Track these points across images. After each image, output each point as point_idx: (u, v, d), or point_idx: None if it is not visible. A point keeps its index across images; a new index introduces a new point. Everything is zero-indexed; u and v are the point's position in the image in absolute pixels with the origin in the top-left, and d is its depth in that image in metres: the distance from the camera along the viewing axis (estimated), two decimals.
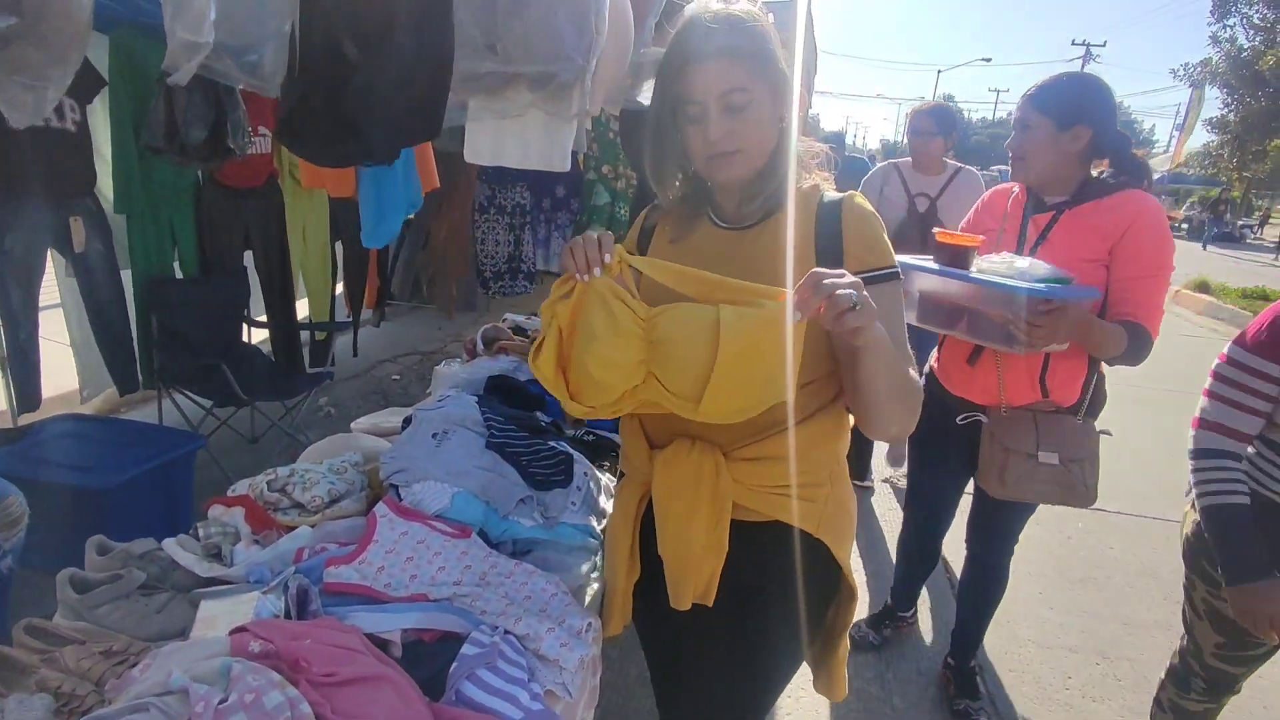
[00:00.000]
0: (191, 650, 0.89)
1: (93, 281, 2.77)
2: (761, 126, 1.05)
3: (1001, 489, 1.79)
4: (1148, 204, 1.66)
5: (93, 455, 2.32)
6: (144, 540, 1.15)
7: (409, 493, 1.25)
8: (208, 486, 2.65)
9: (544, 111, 1.21)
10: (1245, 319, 10.15)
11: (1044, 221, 1.74)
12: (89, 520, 2.10)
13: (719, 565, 1.09)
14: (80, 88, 2.53)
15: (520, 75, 1.20)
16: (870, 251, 1.06)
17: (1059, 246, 1.71)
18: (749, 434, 1.07)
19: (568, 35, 1.12)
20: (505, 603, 1.12)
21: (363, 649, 0.93)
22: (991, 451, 1.81)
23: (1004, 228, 1.82)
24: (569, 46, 1.12)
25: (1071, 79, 1.74)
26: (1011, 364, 1.77)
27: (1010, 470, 1.76)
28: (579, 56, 1.13)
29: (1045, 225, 1.74)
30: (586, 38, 1.13)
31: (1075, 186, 1.73)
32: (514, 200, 4.32)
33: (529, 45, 1.14)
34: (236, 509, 1.24)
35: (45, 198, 2.51)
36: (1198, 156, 22.99)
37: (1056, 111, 1.66)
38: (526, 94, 1.20)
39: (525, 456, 1.36)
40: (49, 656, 0.92)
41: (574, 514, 1.30)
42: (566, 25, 1.11)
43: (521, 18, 1.12)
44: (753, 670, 1.19)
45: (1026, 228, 1.77)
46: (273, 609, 1.00)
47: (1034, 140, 1.70)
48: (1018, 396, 1.80)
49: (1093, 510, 3.52)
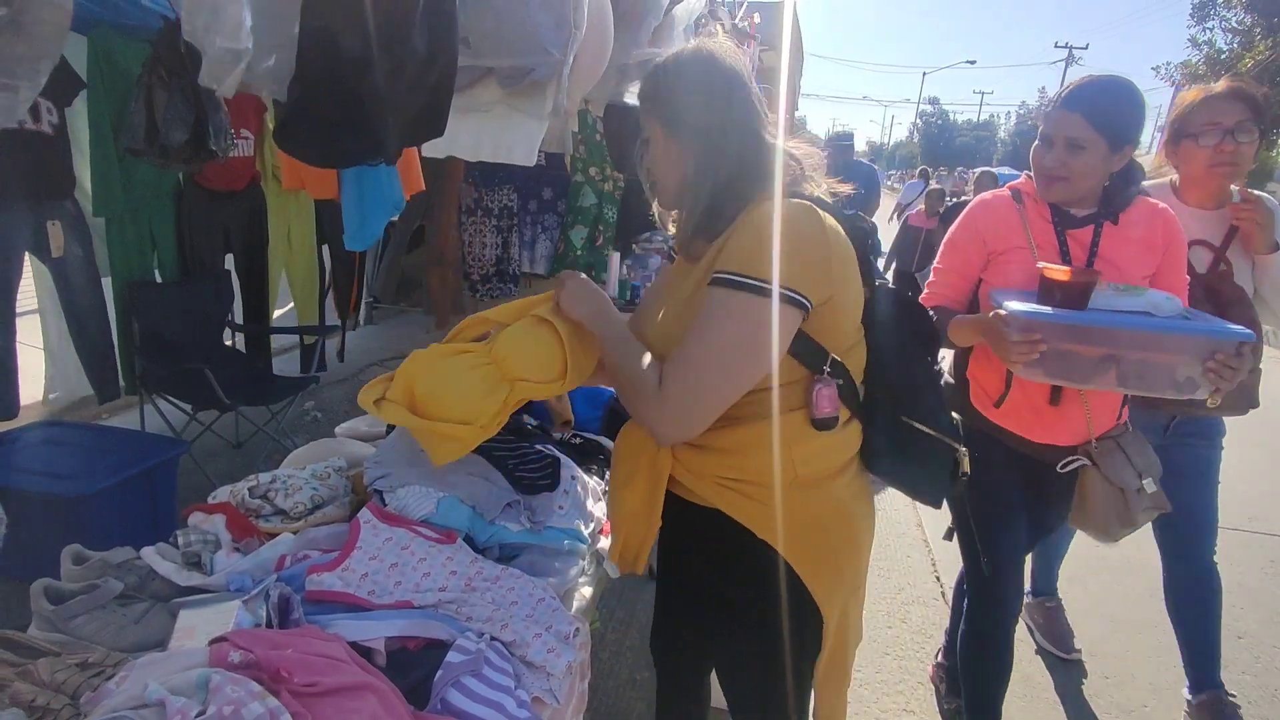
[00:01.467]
0: (170, 661, 0.87)
1: (72, 286, 2.72)
2: (659, 163, 1.16)
3: (1121, 529, 1.62)
4: (1170, 213, 1.59)
5: (72, 462, 2.29)
6: (122, 549, 1.13)
7: (393, 498, 1.23)
8: (191, 492, 2.61)
9: (513, 108, 1.20)
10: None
11: (1086, 237, 1.57)
12: (68, 528, 2.07)
13: (649, 536, 1.18)
14: (59, 90, 2.49)
15: (491, 71, 1.19)
16: (730, 257, 1.04)
17: (1117, 263, 1.55)
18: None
19: (544, 28, 1.11)
20: (492, 608, 1.11)
21: (346, 658, 0.92)
22: (1106, 494, 1.59)
23: (1035, 244, 1.59)
24: (546, 40, 1.12)
25: (1121, 89, 1.51)
26: (1097, 394, 1.58)
27: (1129, 507, 1.58)
28: (556, 50, 1.12)
29: (1090, 241, 1.56)
30: (565, 31, 1.12)
31: (1099, 197, 1.58)
32: (501, 203, 4.30)
33: (500, 38, 1.13)
34: (217, 516, 1.22)
35: (22, 202, 2.47)
36: None
37: (1112, 130, 1.48)
38: (496, 89, 1.19)
39: (511, 460, 1.34)
40: (22, 669, 0.89)
41: (561, 518, 1.29)
42: (543, 18, 1.11)
43: (493, 10, 1.11)
44: (696, 641, 1.36)
45: (1067, 244, 1.57)
46: (254, 618, 0.98)
47: (1086, 163, 1.51)
48: (1100, 426, 1.62)
49: None
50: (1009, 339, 1.41)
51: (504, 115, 1.22)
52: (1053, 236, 1.59)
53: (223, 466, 3.18)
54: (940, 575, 3.00)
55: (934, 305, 1.73)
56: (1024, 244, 1.60)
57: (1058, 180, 1.55)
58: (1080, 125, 1.48)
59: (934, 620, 2.68)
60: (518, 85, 1.16)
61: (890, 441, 1.18)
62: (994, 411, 1.69)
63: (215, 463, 3.14)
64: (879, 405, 1.18)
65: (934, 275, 1.77)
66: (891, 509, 3.55)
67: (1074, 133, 1.49)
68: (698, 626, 1.32)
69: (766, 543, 1.11)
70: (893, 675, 2.37)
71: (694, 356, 1.03)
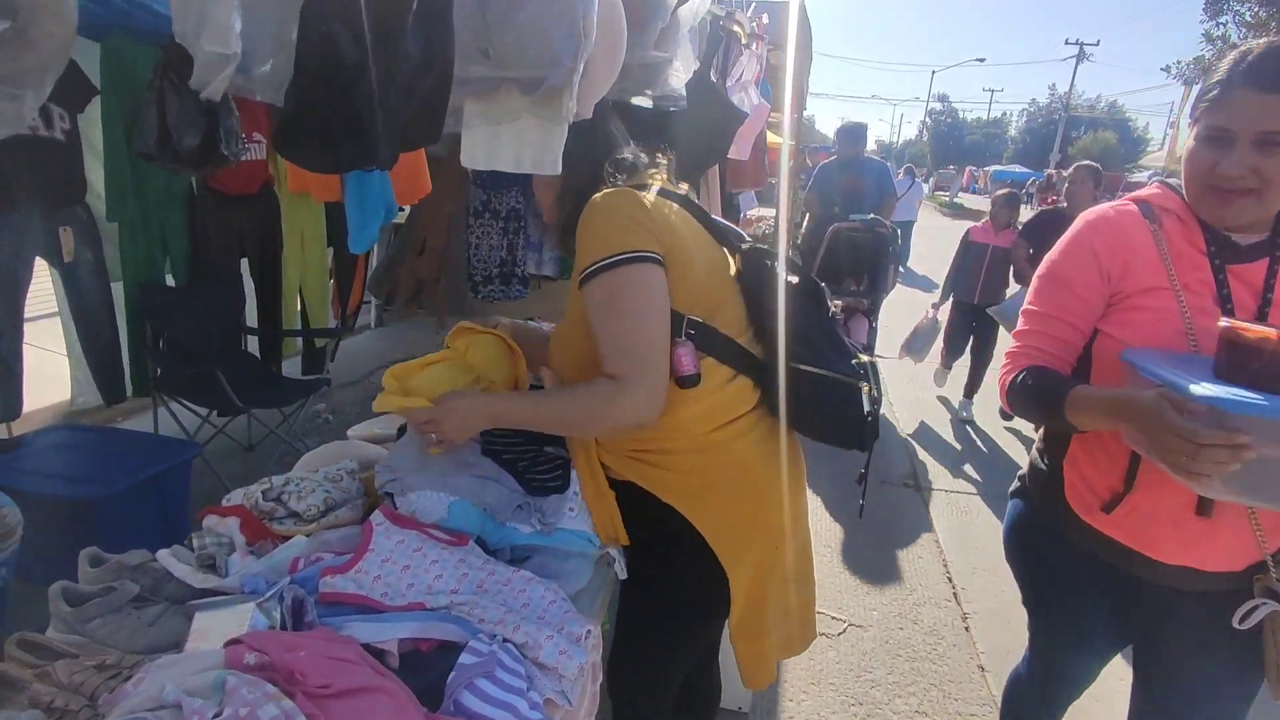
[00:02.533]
0: (185, 663, 0.88)
1: (82, 291, 2.74)
2: (543, 188, 1.33)
3: None
4: None
5: (87, 465, 2.31)
6: (138, 551, 1.14)
7: (405, 502, 1.23)
8: (204, 495, 2.63)
9: (535, 116, 1.21)
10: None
11: (1256, 276, 1.13)
12: (83, 532, 2.09)
13: (611, 510, 1.28)
14: (72, 96, 2.51)
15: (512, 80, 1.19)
16: (580, 258, 1.15)
17: None
18: None
19: (557, 38, 1.12)
20: (503, 610, 1.11)
21: (359, 660, 0.92)
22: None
23: (1181, 285, 1.14)
24: (558, 49, 1.12)
25: None
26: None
27: None
28: (567, 59, 1.12)
29: (1264, 282, 1.12)
30: (574, 40, 1.12)
31: (1273, 221, 1.14)
32: (509, 204, 4.30)
33: (522, 50, 1.14)
34: (231, 519, 1.22)
35: (34, 207, 2.49)
36: None
37: None
38: (519, 98, 1.19)
39: (521, 462, 1.35)
40: (41, 671, 0.90)
41: (572, 519, 1.28)
42: (556, 28, 1.11)
43: (514, 23, 1.11)
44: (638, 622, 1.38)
45: (1228, 285, 1.13)
46: (268, 620, 0.99)
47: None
48: (1277, 541, 1.15)
49: None
50: (1192, 438, 0.92)
51: (531, 125, 1.23)
52: (1207, 273, 1.13)
53: (235, 469, 3.20)
54: (952, 577, 2.99)
55: (1029, 366, 1.24)
56: (1165, 283, 1.15)
57: (1242, 195, 1.08)
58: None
59: (945, 621, 2.66)
60: (536, 92, 1.16)
61: (787, 390, 1.24)
62: (1099, 517, 1.23)
63: (228, 465, 3.16)
64: (770, 357, 1.25)
65: (1024, 321, 1.29)
66: (902, 510, 3.54)
67: (1273, 124, 1.03)
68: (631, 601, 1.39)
69: (672, 506, 1.21)
70: (905, 677, 2.36)
71: (618, 339, 1.11)
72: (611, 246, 1.10)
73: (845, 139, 5.31)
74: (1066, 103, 40.34)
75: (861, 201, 5.01)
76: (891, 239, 4.63)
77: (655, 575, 1.30)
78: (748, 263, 1.30)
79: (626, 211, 1.13)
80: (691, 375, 1.14)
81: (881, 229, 4.60)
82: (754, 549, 1.24)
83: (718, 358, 1.19)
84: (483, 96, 1.23)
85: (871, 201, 5.04)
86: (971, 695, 2.30)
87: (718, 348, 1.19)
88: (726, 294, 1.24)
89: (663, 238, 1.14)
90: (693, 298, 1.17)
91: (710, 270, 1.22)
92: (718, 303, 1.21)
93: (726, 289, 1.25)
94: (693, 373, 1.14)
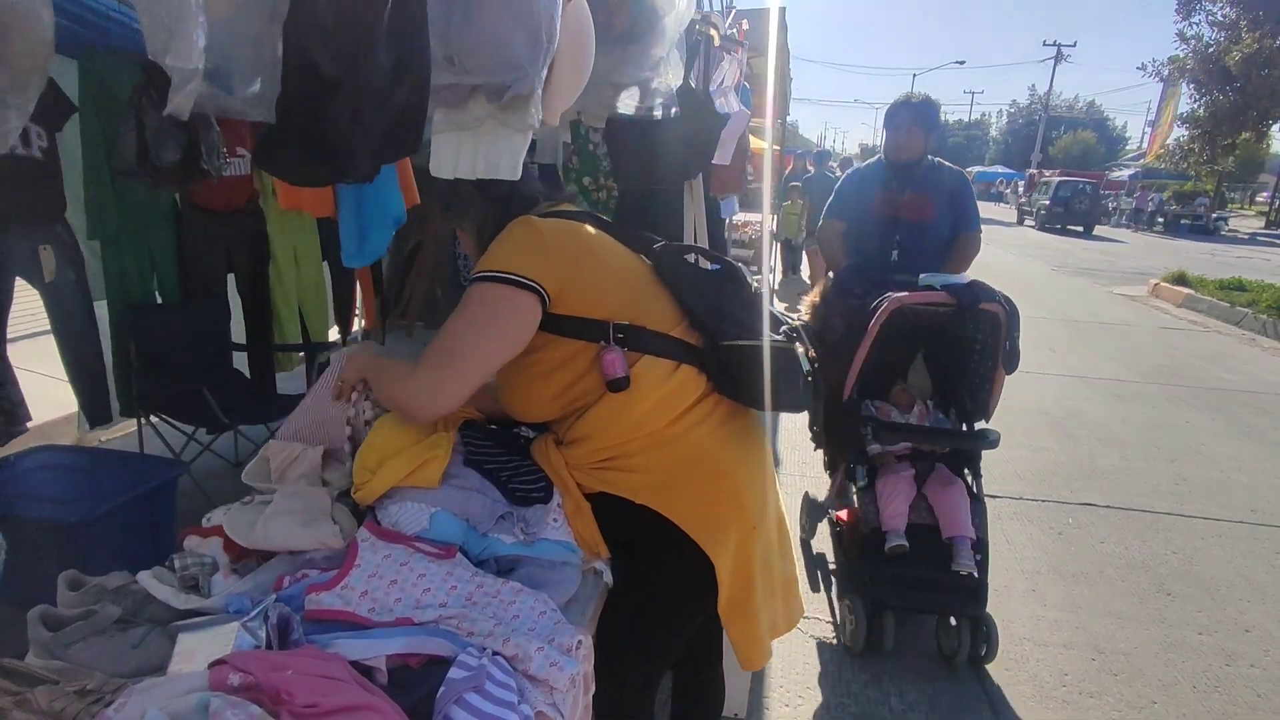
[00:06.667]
0: (169, 686, 0.86)
1: (64, 311, 2.72)
2: (467, 242, 1.43)
3: None
4: None
5: (71, 486, 2.28)
6: (118, 574, 1.12)
7: (385, 513, 1.22)
8: (192, 513, 2.59)
9: (501, 123, 1.22)
10: (1223, 310, 10.09)
11: None
12: (68, 554, 2.06)
13: (588, 522, 1.31)
14: (50, 115, 2.49)
15: (479, 87, 1.20)
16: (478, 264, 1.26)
17: None
18: (556, 423, 1.35)
19: (518, 44, 1.12)
20: (493, 623, 1.10)
21: (347, 678, 0.91)
22: None
23: None
24: (520, 56, 1.13)
25: None
26: None
27: None
28: (529, 65, 1.13)
29: None
30: (537, 46, 1.13)
31: None
32: None
33: (479, 56, 1.15)
34: (213, 539, 1.21)
35: (13, 227, 2.47)
36: (1170, 151, 23.37)
37: None
38: (485, 105, 1.20)
39: (504, 472, 1.34)
40: (21, 698, 0.89)
41: (555, 530, 1.28)
42: (517, 34, 1.11)
43: (473, 29, 1.12)
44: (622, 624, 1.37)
45: None
46: (253, 640, 0.98)
47: None
48: None
49: (1082, 504, 3.54)
50: None
51: (492, 130, 1.23)
52: None
53: (222, 486, 3.17)
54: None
55: None
56: None
57: None
58: None
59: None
60: (502, 100, 1.17)
61: (724, 368, 1.30)
62: None
63: (214, 483, 3.13)
64: (704, 342, 1.31)
65: None
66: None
67: None
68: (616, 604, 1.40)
69: (646, 506, 1.25)
70: (900, 677, 2.36)
71: (444, 336, 1.22)
72: (496, 263, 1.22)
73: (903, 120, 2.85)
74: (1046, 103, 40.83)
75: (925, 241, 2.83)
76: (1014, 321, 2.32)
77: (642, 572, 1.33)
78: (663, 261, 1.39)
79: (519, 238, 1.26)
80: (619, 379, 1.23)
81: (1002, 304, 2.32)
82: (731, 530, 1.27)
83: (655, 353, 1.27)
84: (453, 105, 1.24)
85: (941, 241, 2.86)
86: (966, 692, 2.31)
87: (651, 344, 1.27)
88: (650, 294, 1.33)
89: (555, 263, 1.24)
90: (613, 305, 1.26)
91: (627, 276, 1.33)
92: (644, 304, 1.30)
93: (649, 289, 1.34)
94: (620, 375, 1.23)
